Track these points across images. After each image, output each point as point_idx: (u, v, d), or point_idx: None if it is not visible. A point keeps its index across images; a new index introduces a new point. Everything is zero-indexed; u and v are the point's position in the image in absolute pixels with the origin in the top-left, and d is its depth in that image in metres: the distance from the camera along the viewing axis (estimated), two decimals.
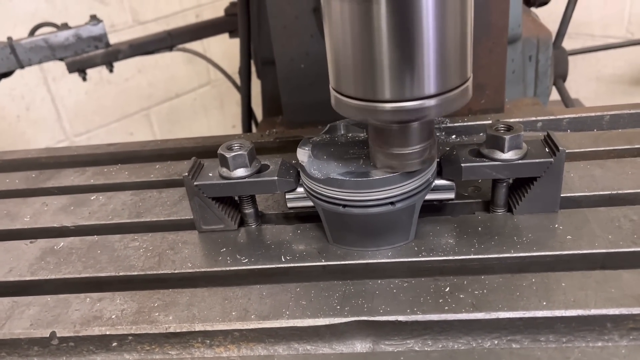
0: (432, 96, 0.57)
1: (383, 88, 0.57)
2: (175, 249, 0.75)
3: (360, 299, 0.63)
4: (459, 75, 0.59)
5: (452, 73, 0.58)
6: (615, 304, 0.58)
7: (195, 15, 2.65)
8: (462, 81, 0.59)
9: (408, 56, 0.55)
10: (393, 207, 0.67)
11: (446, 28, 0.55)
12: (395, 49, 0.55)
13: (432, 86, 0.57)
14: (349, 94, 0.60)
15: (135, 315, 0.65)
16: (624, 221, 0.70)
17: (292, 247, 0.73)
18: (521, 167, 0.69)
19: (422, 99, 0.57)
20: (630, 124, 0.96)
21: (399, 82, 0.56)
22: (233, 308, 0.64)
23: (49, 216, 0.86)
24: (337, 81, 0.61)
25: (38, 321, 0.65)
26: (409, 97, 0.57)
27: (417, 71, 0.55)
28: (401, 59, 0.55)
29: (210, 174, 0.74)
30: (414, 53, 0.55)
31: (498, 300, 0.60)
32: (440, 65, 0.56)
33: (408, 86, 0.56)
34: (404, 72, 0.56)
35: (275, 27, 1.08)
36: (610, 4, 2.40)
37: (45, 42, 1.57)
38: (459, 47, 0.57)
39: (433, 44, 0.55)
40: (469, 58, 0.60)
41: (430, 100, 0.57)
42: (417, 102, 0.57)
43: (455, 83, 0.58)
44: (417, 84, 0.56)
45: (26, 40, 1.56)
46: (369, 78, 0.57)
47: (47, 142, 2.30)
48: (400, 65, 0.55)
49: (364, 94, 0.59)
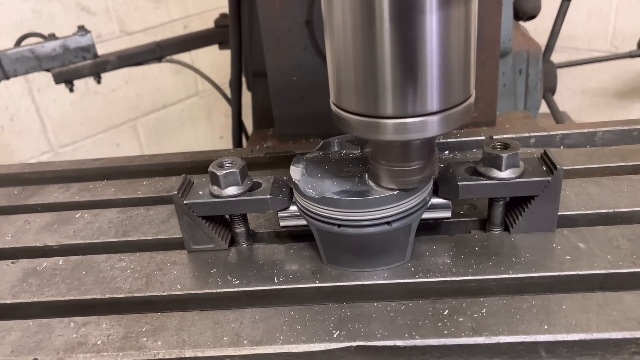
0: (435, 113, 0.56)
1: (385, 104, 0.56)
2: (163, 270, 0.72)
3: (357, 323, 0.61)
4: (462, 92, 0.58)
5: (456, 90, 0.57)
6: (618, 327, 0.57)
7: (183, 26, 2.63)
8: (465, 98, 0.59)
9: (411, 72, 0.54)
10: (389, 227, 0.65)
11: (450, 45, 0.54)
12: (398, 65, 0.54)
13: (435, 103, 0.56)
14: (350, 110, 0.59)
15: (122, 340, 0.62)
16: (622, 241, 0.69)
17: (285, 268, 0.71)
18: (519, 185, 0.68)
19: (425, 115, 0.56)
20: (622, 140, 0.96)
21: (401, 98, 0.55)
22: (225, 333, 0.62)
23: (31, 235, 0.83)
24: (338, 96, 0.60)
25: (19, 347, 0.62)
26: (411, 113, 0.56)
27: (420, 88, 0.55)
28: (404, 75, 0.54)
29: (201, 192, 0.72)
30: (418, 69, 0.54)
31: (498, 323, 0.59)
32: (444, 82, 0.55)
33: (411, 102, 0.56)
34: (407, 88, 0.55)
35: (267, 40, 1.07)
36: (595, 18, 2.43)
37: (32, 52, 1.54)
38: (462, 64, 0.56)
39: (437, 60, 0.54)
40: (472, 75, 0.59)
41: (432, 117, 0.56)
42: (419, 119, 0.56)
43: (458, 100, 0.58)
44: (420, 100, 0.55)
45: (12, 51, 1.53)
46: (371, 93, 0.56)
47: (31, 153, 2.25)
48: (403, 81, 0.54)
49: (365, 110, 0.58)
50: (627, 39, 2.39)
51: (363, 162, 0.72)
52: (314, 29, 1.05)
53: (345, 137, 0.77)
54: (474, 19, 0.56)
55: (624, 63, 2.28)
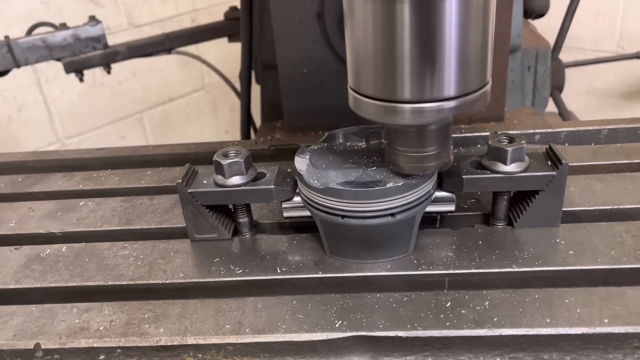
0: (452, 98, 0.57)
1: (403, 88, 0.57)
2: (166, 258, 0.72)
3: (359, 313, 0.61)
4: (479, 79, 0.58)
5: (472, 76, 0.58)
6: (621, 321, 0.57)
7: (190, 19, 2.63)
8: (482, 85, 0.59)
9: (430, 57, 0.55)
10: (393, 218, 0.65)
11: (469, 31, 0.55)
12: (417, 50, 0.54)
13: (452, 88, 0.56)
14: (368, 94, 0.60)
15: (125, 327, 0.62)
16: (626, 237, 0.69)
17: (288, 258, 0.70)
18: (523, 180, 0.68)
19: (442, 100, 0.57)
20: (627, 138, 0.96)
21: (419, 83, 0.56)
22: (227, 321, 0.62)
23: (35, 222, 0.83)
24: (357, 81, 0.61)
25: (22, 332, 0.62)
26: (428, 98, 0.57)
27: (438, 73, 0.55)
28: (423, 60, 0.55)
29: (205, 181, 0.72)
30: (436, 55, 0.54)
31: (501, 316, 0.59)
32: (461, 67, 0.56)
33: (428, 87, 0.56)
34: (425, 73, 0.55)
35: (278, 32, 1.07)
36: (602, 18, 2.42)
37: (43, 41, 1.55)
38: (480, 50, 0.57)
39: (455, 46, 0.54)
40: (489, 62, 0.59)
41: (449, 102, 0.57)
42: (436, 104, 0.57)
43: (475, 86, 0.58)
44: (437, 85, 0.56)
45: (24, 40, 1.53)
46: (390, 78, 0.57)
47: (38, 143, 2.26)
48: (422, 66, 0.55)
49: (383, 94, 0.58)
50: (633, 39, 2.38)
51: (368, 154, 0.72)
52: (325, 22, 1.05)
53: (350, 130, 0.77)
54: (493, 7, 0.57)
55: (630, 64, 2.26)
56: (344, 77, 0.64)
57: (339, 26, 1.05)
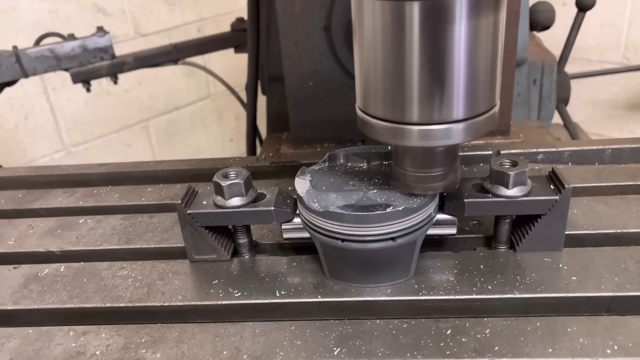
0: (460, 121, 0.57)
1: (411, 110, 0.57)
2: (165, 280, 0.72)
3: (358, 340, 0.60)
4: (487, 101, 0.58)
5: (481, 99, 0.58)
6: (624, 352, 0.56)
7: (197, 29, 2.64)
8: (490, 107, 0.59)
9: (438, 80, 0.55)
10: (394, 242, 0.64)
11: (478, 55, 0.55)
12: (426, 73, 0.54)
13: (460, 111, 0.56)
14: (376, 115, 0.60)
15: (121, 351, 0.62)
16: (630, 262, 0.68)
17: (287, 281, 0.70)
18: (526, 204, 0.67)
19: (450, 123, 0.57)
20: (631, 158, 0.95)
21: (427, 105, 0.56)
22: (224, 346, 0.61)
23: (34, 240, 0.83)
24: (365, 101, 0.61)
25: (18, 355, 0.62)
26: (436, 120, 0.57)
27: (447, 95, 0.55)
28: (431, 83, 0.55)
29: (204, 202, 0.72)
30: (445, 78, 0.55)
31: (502, 345, 0.58)
32: (470, 90, 0.56)
33: (436, 110, 0.56)
34: (434, 95, 0.55)
35: (285, 44, 1.08)
36: (608, 30, 2.41)
37: (51, 52, 1.56)
38: (489, 73, 0.57)
39: (464, 69, 0.55)
40: (498, 85, 0.59)
41: (457, 124, 0.57)
42: (444, 126, 0.57)
43: (483, 108, 0.58)
44: (445, 108, 0.56)
45: (32, 50, 1.54)
46: (398, 100, 0.57)
47: (44, 151, 2.27)
48: (430, 89, 0.55)
49: (392, 115, 0.58)
50: (639, 51, 2.36)
51: (369, 176, 0.71)
52: (332, 35, 1.05)
53: (351, 150, 0.76)
54: (502, 30, 0.57)
55: (635, 75, 2.25)
56: (350, 90, 0.64)
57: (346, 39, 1.05)
